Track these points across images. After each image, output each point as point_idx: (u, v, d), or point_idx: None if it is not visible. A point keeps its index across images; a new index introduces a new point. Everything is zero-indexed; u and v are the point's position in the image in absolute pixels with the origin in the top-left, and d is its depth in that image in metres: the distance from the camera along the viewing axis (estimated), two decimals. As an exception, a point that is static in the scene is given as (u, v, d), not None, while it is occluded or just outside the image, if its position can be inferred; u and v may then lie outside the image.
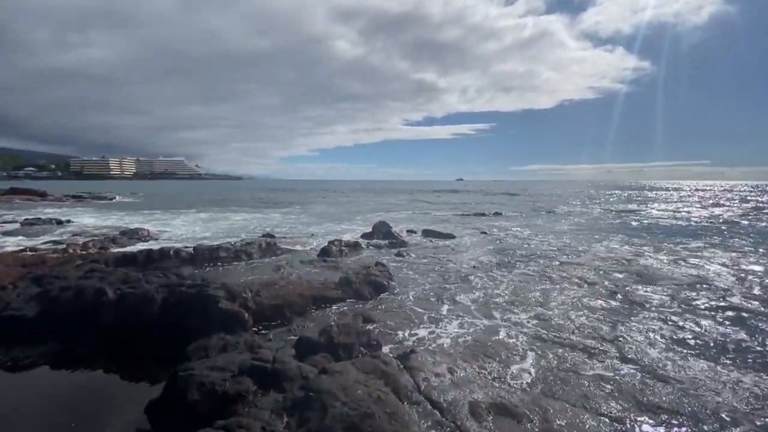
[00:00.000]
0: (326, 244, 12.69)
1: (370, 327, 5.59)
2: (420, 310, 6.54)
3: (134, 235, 14.37)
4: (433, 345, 5.15)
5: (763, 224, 20.02)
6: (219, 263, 9.88)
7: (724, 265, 10.18)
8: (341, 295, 6.89)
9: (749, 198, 45.60)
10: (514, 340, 5.45)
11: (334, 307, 6.54)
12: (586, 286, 8.26)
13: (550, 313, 6.52)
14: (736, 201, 39.73)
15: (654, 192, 69.03)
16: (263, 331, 5.51)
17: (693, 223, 21.16)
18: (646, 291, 7.83)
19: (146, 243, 13.24)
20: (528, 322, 6.13)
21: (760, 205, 34.13)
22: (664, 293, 7.64)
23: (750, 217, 23.58)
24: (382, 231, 14.89)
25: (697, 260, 10.77)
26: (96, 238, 13.71)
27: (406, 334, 5.50)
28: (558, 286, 8.20)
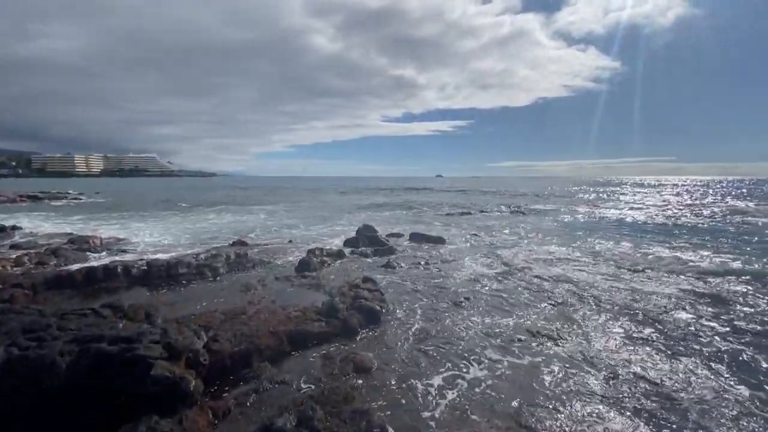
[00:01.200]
0: (305, 253, 11.34)
1: (364, 386, 4.28)
2: (426, 349, 5.28)
3: (84, 244, 12.51)
4: (458, 413, 3.87)
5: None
6: (177, 282, 8.35)
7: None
8: (325, 329, 5.55)
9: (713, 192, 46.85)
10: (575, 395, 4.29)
11: (315, 351, 5.17)
12: (592, 302, 7.24)
13: (590, 348, 5.42)
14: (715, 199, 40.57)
15: (622, 187, 70.45)
16: (221, 391, 4.13)
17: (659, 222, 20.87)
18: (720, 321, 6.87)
19: (96, 254, 11.47)
20: (574, 365, 5.01)
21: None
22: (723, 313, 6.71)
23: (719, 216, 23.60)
24: (366, 236, 13.60)
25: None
26: (36, 250, 11.83)
27: (418, 395, 4.21)
28: (574, 306, 7.16)
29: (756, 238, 14.53)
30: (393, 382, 4.39)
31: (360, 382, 4.36)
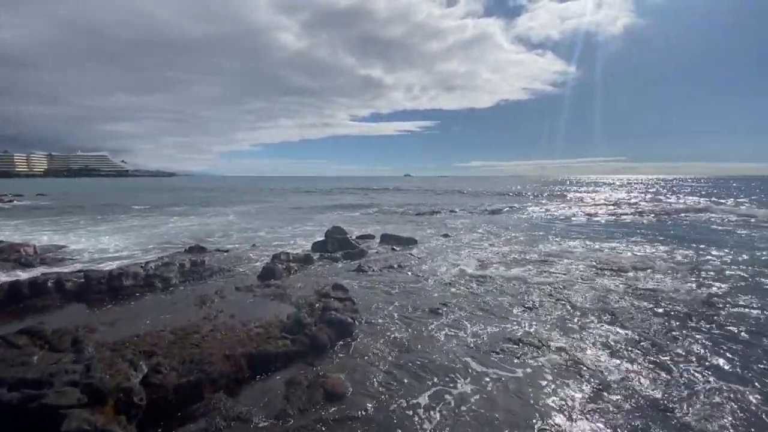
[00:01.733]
0: (270, 259, 10.57)
1: (338, 416, 3.72)
2: (406, 364, 4.78)
3: (13, 253, 10.99)
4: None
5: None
6: (121, 297, 7.36)
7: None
8: (291, 347, 4.92)
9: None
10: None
11: (280, 375, 4.53)
12: (569, 305, 7.08)
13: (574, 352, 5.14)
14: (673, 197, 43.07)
15: (575, 186, 73.90)
16: (164, 433, 3.43)
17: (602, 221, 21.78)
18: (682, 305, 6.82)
19: (28, 267, 10.07)
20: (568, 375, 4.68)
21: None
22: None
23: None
24: (336, 238, 12.95)
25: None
26: (-49, 261, 10.26)
27: (402, 420, 3.70)
28: (550, 304, 6.95)
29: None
30: (371, 409, 3.87)
31: (332, 411, 3.80)
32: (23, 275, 8.56)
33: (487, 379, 4.47)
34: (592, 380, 4.46)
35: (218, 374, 4.16)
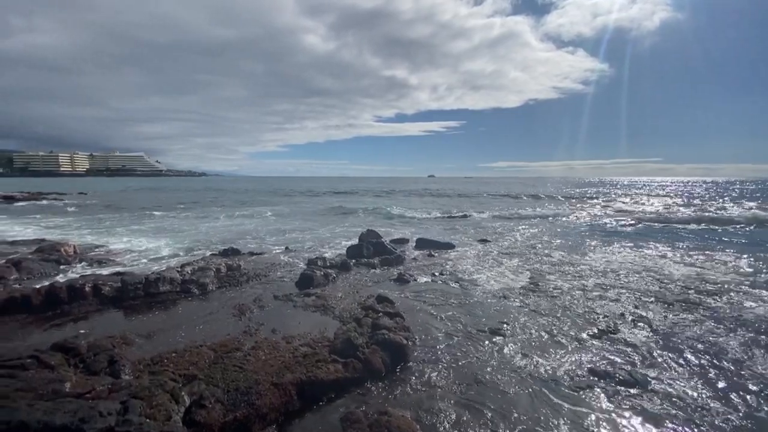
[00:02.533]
0: (304, 263, 10.13)
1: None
2: (476, 401, 4.10)
3: (54, 253, 11.05)
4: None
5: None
6: (157, 303, 7.05)
7: None
8: (343, 373, 4.35)
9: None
10: None
11: (333, 409, 3.95)
12: (647, 325, 6.16)
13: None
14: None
15: (611, 188, 70.30)
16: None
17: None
18: None
19: (68, 266, 10.05)
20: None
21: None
22: None
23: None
24: (371, 243, 12.38)
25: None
26: (-4, 260, 10.41)
27: None
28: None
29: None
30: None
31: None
32: (60, 278, 8.46)
33: (582, 423, 3.73)
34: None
35: (268, 407, 3.62)
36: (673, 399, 4.19)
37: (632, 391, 4.31)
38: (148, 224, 19.31)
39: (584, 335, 5.87)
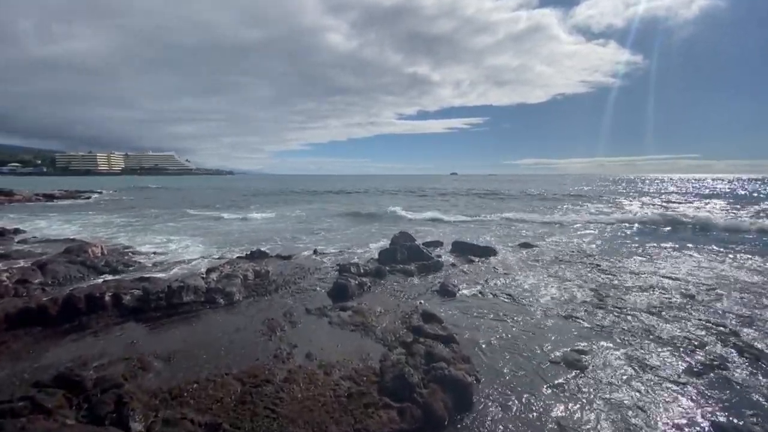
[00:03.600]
0: (335, 268, 9.38)
1: None
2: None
3: (81, 254, 10.78)
4: None
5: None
6: (180, 314, 6.43)
7: None
8: (399, 424, 3.47)
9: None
10: None
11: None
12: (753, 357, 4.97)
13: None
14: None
15: (648, 186, 66.20)
16: None
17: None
18: None
19: (94, 268, 9.69)
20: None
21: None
22: None
23: None
24: (405, 246, 11.46)
25: None
26: (26, 261, 10.22)
27: None
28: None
29: None
30: None
31: None
32: (83, 284, 8.04)
33: None
34: None
35: (308, 478, 2.81)
36: None
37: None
38: (176, 223, 19.18)
39: (683, 370, 4.76)
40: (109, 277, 8.91)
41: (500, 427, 3.68)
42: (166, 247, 12.77)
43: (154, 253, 11.87)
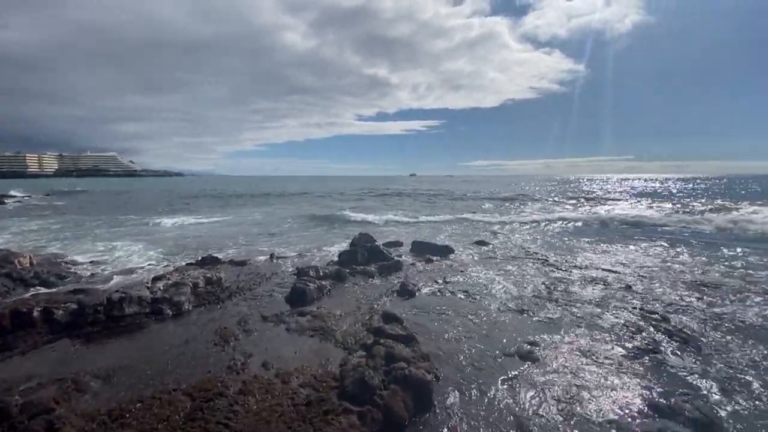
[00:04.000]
0: (293, 272, 9.17)
1: None
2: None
3: (5, 265, 9.62)
4: None
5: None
6: (122, 328, 5.94)
7: None
8: (360, 428, 3.43)
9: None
10: None
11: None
12: (693, 347, 5.51)
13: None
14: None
15: (590, 185, 71.59)
16: None
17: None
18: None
19: (21, 281, 8.69)
20: None
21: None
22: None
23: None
24: (365, 247, 11.43)
25: None
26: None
27: None
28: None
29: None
30: None
31: None
32: (10, 299, 7.21)
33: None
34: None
35: (264, 493, 2.68)
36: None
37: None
38: (117, 228, 17.76)
39: (623, 356, 5.13)
40: (41, 290, 8.07)
41: (458, 423, 3.75)
42: (106, 256, 11.77)
43: (92, 262, 10.90)
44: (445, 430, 3.65)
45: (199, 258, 10.48)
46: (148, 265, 10.57)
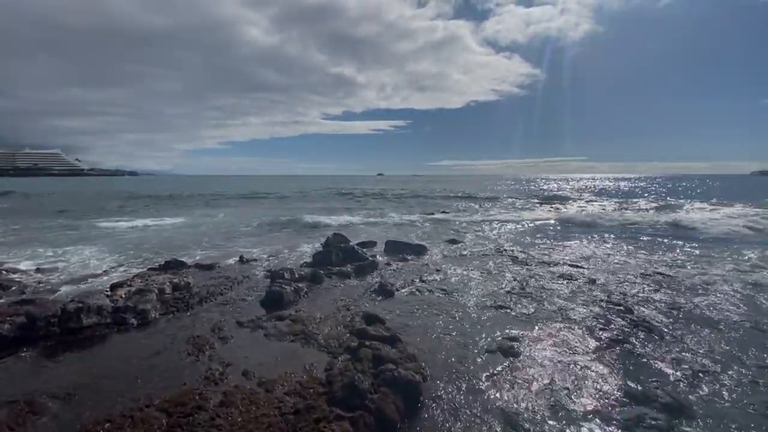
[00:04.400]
0: (266, 275, 8.88)
1: None
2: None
3: (-67, 276, 8.58)
4: None
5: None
6: (80, 341, 5.45)
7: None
8: (347, 429, 3.34)
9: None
10: None
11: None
12: (656, 331, 5.91)
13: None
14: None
15: (548, 184, 75.34)
16: None
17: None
18: None
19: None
20: None
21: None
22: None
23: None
24: (340, 248, 11.28)
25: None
26: None
27: None
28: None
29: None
30: None
31: None
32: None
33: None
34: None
35: None
36: (726, 422, 3.74)
37: (683, 420, 3.80)
38: (66, 233, 16.37)
39: (596, 348, 5.38)
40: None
41: (449, 421, 3.76)
42: (55, 262, 10.79)
43: (39, 269, 9.95)
44: (437, 430, 3.63)
45: (162, 262, 9.87)
46: (105, 271, 9.82)
